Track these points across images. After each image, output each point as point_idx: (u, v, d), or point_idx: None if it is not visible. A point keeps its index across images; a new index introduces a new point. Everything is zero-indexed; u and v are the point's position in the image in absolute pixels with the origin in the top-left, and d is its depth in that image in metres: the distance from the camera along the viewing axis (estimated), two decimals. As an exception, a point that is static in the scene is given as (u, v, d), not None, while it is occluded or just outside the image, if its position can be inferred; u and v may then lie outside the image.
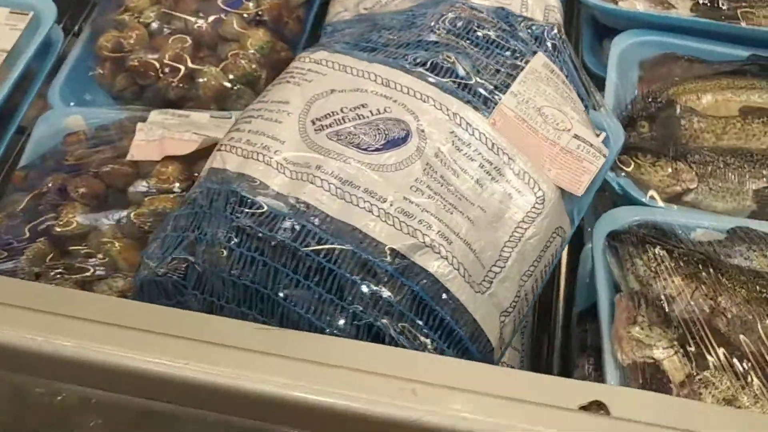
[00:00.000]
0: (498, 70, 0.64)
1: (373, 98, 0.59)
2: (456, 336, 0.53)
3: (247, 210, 0.54)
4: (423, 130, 0.58)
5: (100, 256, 0.72)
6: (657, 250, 0.70)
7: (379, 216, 0.53)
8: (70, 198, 0.76)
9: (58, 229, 0.74)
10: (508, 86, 0.63)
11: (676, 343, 0.64)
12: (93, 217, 0.75)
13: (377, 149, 0.56)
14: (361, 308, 0.51)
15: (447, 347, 0.53)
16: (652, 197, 0.80)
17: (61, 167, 0.80)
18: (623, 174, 0.81)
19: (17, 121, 0.90)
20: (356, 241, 0.53)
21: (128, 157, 0.79)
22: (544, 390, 0.45)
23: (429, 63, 0.62)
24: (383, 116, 0.58)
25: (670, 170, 0.82)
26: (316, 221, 0.53)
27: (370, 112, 0.58)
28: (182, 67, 0.87)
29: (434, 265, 0.53)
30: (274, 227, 0.53)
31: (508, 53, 0.65)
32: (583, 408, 0.43)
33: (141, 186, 0.77)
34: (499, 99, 0.62)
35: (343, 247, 0.52)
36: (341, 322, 0.51)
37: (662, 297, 0.67)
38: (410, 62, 0.62)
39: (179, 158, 0.78)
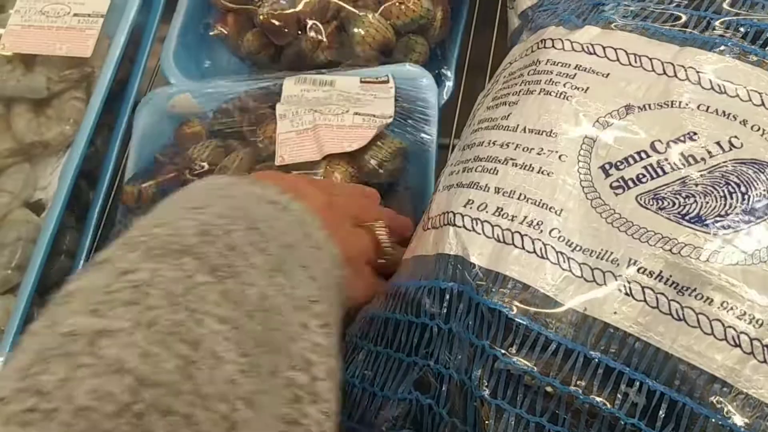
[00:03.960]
0: None
1: (704, 119, 0.35)
2: None
3: (518, 343, 0.33)
4: (802, 176, 0.34)
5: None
6: None
7: (752, 353, 0.31)
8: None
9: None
10: None
11: None
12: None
13: (734, 223, 0.33)
14: None
15: None
16: None
17: (183, 178, 0.60)
18: None
19: (131, 99, 0.70)
20: (712, 396, 0.31)
21: (277, 162, 0.58)
22: None
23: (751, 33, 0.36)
24: (731, 157, 0.34)
25: None
26: (643, 365, 0.32)
27: (707, 150, 0.34)
28: (331, 19, 0.64)
29: None
30: (572, 378, 0.32)
31: None
32: None
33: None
34: None
35: (699, 411, 0.31)
36: None
37: None
38: (732, 37, 0.37)
39: (346, 155, 0.57)
